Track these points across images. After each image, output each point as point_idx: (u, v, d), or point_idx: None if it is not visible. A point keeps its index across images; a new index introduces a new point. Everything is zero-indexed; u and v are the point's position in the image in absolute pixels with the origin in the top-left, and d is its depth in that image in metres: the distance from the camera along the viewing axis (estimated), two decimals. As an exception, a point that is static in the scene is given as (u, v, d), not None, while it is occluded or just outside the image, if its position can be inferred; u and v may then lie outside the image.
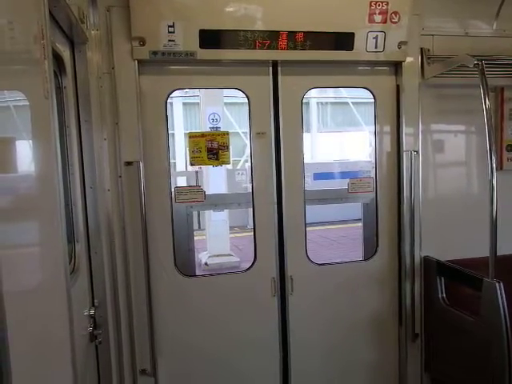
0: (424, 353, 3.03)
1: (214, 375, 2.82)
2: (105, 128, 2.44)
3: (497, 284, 2.37)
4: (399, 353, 3.10)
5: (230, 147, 2.82)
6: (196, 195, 2.76)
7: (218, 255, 7.26)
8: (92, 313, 2.08)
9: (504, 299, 2.37)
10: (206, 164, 2.80)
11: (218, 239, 7.34)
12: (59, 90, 1.90)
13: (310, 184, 10.93)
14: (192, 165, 2.83)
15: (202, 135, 2.76)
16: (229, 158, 2.78)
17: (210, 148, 2.73)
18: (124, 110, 2.47)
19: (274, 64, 2.74)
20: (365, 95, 3.04)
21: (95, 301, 2.23)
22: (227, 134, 2.81)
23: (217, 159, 2.74)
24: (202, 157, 2.73)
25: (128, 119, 2.48)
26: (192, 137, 2.78)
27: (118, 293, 2.53)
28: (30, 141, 1.14)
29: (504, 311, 2.36)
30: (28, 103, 1.11)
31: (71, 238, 1.92)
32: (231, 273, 2.85)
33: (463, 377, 2.69)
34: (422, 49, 2.86)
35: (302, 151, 2.90)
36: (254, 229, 2.81)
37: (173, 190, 2.70)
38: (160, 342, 2.67)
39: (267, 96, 2.75)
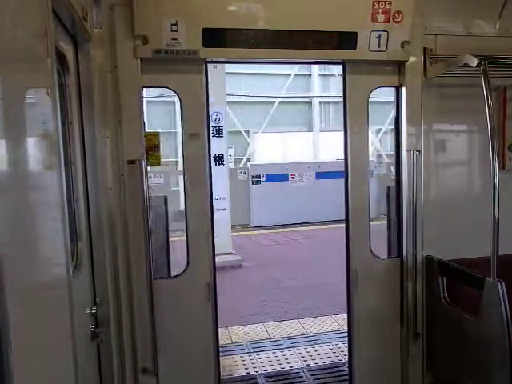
0: (425, 352, 3.03)
1: None
2: (107, 126, 2.44)
3: (498, 284, 2.37)
4: (401, 352, 3.10)
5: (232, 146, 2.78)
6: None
7: (219, 254, 7.26)
8: (94, 311, 2.08)
9: (505, 299, 2.37)
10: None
11: (220, 238, 7.34)
12: (62, 87, 1.90)
13: (312, 183, 10.95)
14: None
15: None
16: (159, 159, 2.66)
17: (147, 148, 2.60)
18: (127, 108, 2.47)
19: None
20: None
21: (97, 299, 2.23)
22: (157, 134, 2.70)
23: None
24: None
25: (131, 117, 2.48)
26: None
27: (119, 291, 2.53)
28: (33, 138, 1.15)
29: (505, 311, 2.36)
30: (31, 101, 1.11)
31: (73, 236, 1.93)
32: (164, 278, 2.79)
33: (464, 376, 2.69)
34: (424, 48, 2.85)
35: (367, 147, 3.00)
36: (187, 234, 2.76)
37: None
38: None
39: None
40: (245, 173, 10.85)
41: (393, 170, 3.12)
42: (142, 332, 2.60)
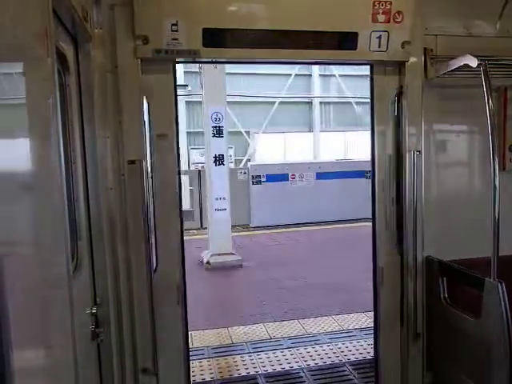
0: (425, 352, 3.03)
1: None
2: (108, 126, 2.44)
3: (498, 284, 2.37)
4: (401, 352, 3.10)
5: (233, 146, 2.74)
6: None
7: (220, 254, 7.27)
8: (94, 311, 2.08)
9: (506, 299, 2.37)
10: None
11: (221, 238, 7.35)
12: (62, 87, 1.90)
13: (312, 183, 10.94)
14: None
15: None
16: None
17: None
18: (127, 108, 2.47)
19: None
20: (368, 94, 3.03)
21: (97, 299, 2.23)
22: None
23: None
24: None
25: (131, 117, 2.48)
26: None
27: (120, 291, 2.53)
28: (34, 138, 1.15)
29: (506, 311, 2.35)
30: (31, 101, 1.11)
31: (74, 236, 1.92)
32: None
33: (464, 376, 2.68)
34: (425, 49, 2.85)
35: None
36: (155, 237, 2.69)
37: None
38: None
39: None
40: (245, 173, 10.85)
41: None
42: (142, 332, 2.60)
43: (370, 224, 3.04)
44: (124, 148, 2.49)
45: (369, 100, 3.03)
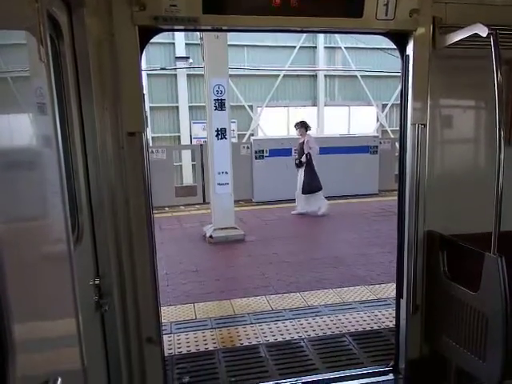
0: (424, 324, 3.07)
1: None
2: (106, 97, 2.38)
3: (498, 258, 2.37)
4: (399, 324, 3.16)
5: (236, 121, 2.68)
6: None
7: (222, 228, 7.31)
8: (97, 282, 2.10)
9: (505, 273, 2.38)
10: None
11: (223, 212, 7.37)
12: (57, 57, 1.85)
13: (316, 158, 10.86)
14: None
15: None
16: None
17: None
18: (125, 78, 2.41)
19: None
20: (374, 68, 2.95)
21: (100, 271, 2.25)
22: None
23: None
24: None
25: (130, 88, 2.43)
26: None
27: (122, 263, 2.55)
28: (27, 108, 1.13)
29: (504, 285, 2.37)
30: (23, 69, 1.08)
31: (74, 209, 1.92)
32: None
33: (461, 348, 2.73)
34: (434, 17, 2.75)
35: None
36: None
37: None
38: None
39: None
40: (248, 148, 10.78)
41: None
42: (146, 302, 2.63)
43: (373, 200, 3.03)
44: (123, 120, 2.45)
45: (374, 73, 2.96)
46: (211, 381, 3.21)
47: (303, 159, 8.86)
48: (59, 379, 1.00)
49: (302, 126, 8.99)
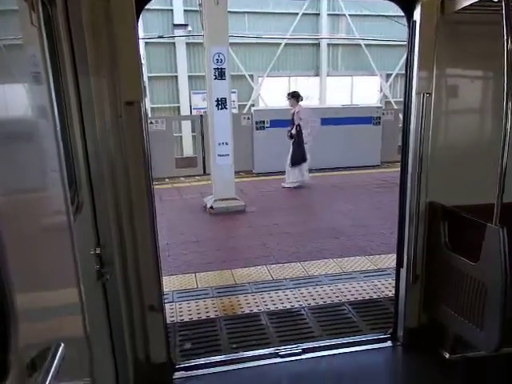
0: (423, 293, 3.11)
1: None
2: (102, 65, 2.31)
3: (500, 229, 2.37)
4: (399, 293, 3.19)
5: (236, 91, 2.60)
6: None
7: (223, 199, 7.32)
8: (98, 252, 2.11)
9: (506, 244, 2.38)
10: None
11: (224, 183, 7.36)
12: (50, 22, 1.77)
13: (318, 129, 10.79)
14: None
15: None
16: None
17: None
18: (122, 43, 2.33)
19: None
20: (379, 36, 2.85)
21: (101, 240, 2.26)
22: None
23: None
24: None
25: (127, 55, 2.35)
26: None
27: (123, 232, 2.56)
28: (22, 77, 1.09)
29: (504, 256, 2.37)
30: (16, 35, 1.04)
31: (72, 179, 1.90)
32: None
33: (459, 316, 2.77)
34: None
35: None
36: None
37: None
38: None
39: None
40: (248, 118, 10.65)
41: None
42: (147, 271, 2.65)
43: (375, 171, 3.01)
44: (120, 89, 2.39)
45: (379, 42, 2.87)
46: (213, 347, 3.28)
47: (293, 131, 8.72)
48: (62, 345, 1.01)
49: (293, 96, 8.81)
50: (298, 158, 8.72)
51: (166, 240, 5.71)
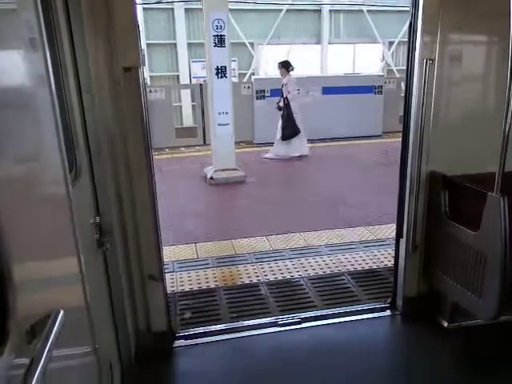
0: (423, 263, 3.13)
1: None
2: (99, 30, 2.24)
3: (501, 198, 2.35)
4: (398, 262, 3.21)
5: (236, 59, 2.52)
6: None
7: (223, 170, 7.28)
8: (98, 221, 2.09)
9: (506, 213, 2.37)
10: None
11: (224, 154, 7.30)
12: None
13: (318, 98, 10.62)
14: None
15: None
16: None
17: None
18: (119, 7, 2.24)
19: None
20: (381, 1, 2.74)
21: (100, 209, 2.24)
22: None
23: None
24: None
25: (124, 19, 2.27)
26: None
27: (122, 201, 2.54)
28: (17, 42, 1.04)
29: (504, 225, 2.37)
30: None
31: (70, 147, 1.86)
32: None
33: (459, 286, 2.79)
34: None
35: None
36: None
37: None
38: None
39: None
40: (249, 87, 10.45)
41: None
42: (147, 240, 2.65)
43: (376, 141, 2.96)
44: (118, 53, 2.32)
45: (382, 8, 2.75)
46: (212, 316, 3.33)
47: (281, 103, 8.52)
48: (61, 312, 1.00)
49: (283, 65, 8.54)
50: (290, 132, 8.57)
51: (166, 210, 5.72)
